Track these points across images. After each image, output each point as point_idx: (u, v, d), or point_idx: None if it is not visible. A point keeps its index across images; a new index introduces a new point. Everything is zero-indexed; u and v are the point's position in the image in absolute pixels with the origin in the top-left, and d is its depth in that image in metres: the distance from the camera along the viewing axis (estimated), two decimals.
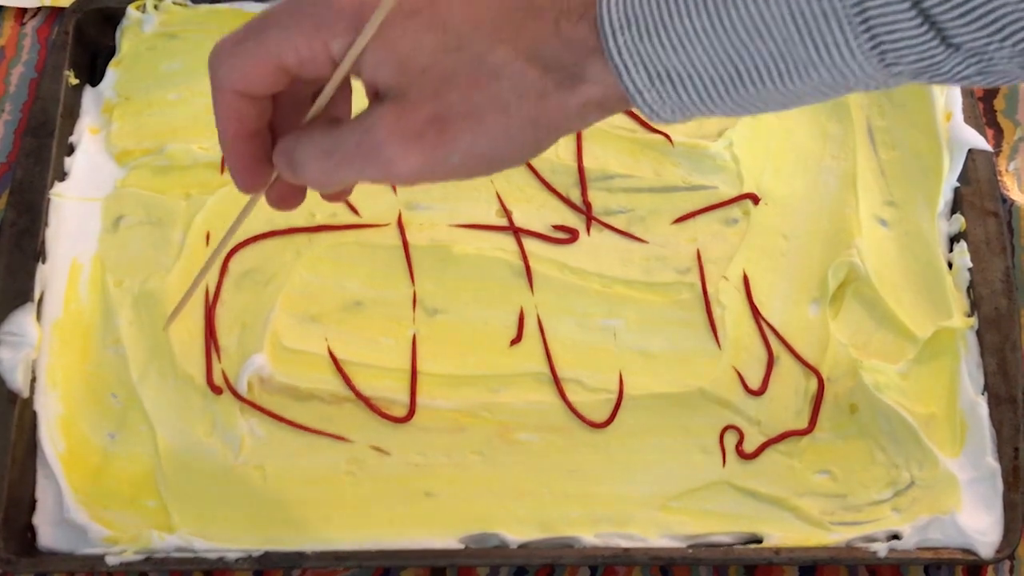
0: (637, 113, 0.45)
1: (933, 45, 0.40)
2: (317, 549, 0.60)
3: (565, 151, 0.70)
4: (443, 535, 0.60)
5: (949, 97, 0.70)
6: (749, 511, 0.61)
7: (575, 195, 0.69)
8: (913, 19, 0.39)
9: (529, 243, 0.67)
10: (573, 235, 0.68)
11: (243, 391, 0.63)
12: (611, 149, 0.70)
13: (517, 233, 0.68)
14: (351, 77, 0.46)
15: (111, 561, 0.59)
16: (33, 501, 0.62)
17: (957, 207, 0.68)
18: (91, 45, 0.74)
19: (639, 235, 0.68)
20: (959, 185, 0.68)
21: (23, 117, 0.73)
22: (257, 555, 0.59)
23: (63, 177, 0.69)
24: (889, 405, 0.62)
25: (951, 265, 0.67)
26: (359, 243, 0.67)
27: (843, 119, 0.70)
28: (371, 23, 0.43)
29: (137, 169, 0.70)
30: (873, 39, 0.40)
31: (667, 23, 0.42)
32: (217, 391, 0.64)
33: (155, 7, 0.74)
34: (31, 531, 0.61)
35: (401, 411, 0.64)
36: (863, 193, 0.68)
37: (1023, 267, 0.68)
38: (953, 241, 0.67)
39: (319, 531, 0.61)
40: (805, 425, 0.63)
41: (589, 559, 0.60)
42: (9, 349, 0.64)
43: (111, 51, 0.74)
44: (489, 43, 0.43)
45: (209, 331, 0.65)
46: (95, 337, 0.66)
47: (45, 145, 0.69)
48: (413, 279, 0.67)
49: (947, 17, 0.39)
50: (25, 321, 0.65)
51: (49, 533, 0.61)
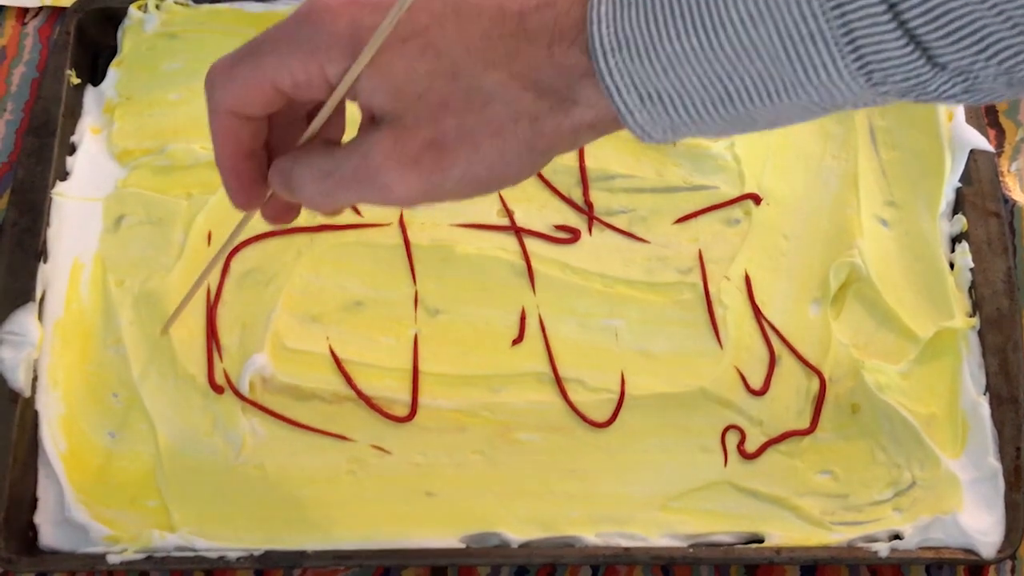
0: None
1: (919, 65, 0.40)
2: (318, 548, 0.60)
3: None
4: (444, 534, 0.60)
5: None
6: (750, 511, 0.61)
7: (577, 195, 0.69)
8: (899, 39, 0.40)
9: (531, 243, 0.67)
10: (575, 235, 0.68)
11: (245, 391, 0.63)
12: (612, 149, 0.70)
13: (519, 233, 0.68)
14: (346, 99, 0.46)
15: (112, 560, 0.59)
16: (34, 500, 0.62)
17: (959, 207, 0.68)
18: (92, 45, 0.74)
19: (641, 235, 0.68)
20: (961, 185, 0.68)
21: (25, 117, 0.73)
22: (258, 554, 0.59)
23: (64, 177, 0.69)
24: (891, 405, 0.62)
25: (953, 265, 0.66)
26: (361, 243, 0.67)
27: (844, 119, 0.70)
28: (367, 49, 0.43)
29: (138, 169, 0.70)
30: (860, 59, 0.40)
31: (657, 45, 0.42)
32: (218, 390, 0.64)
33: (156, 7, 0.74)
34: (32, 530, 0.61)
35: (402, 411, 0.64)
36: (864, 193, 0.68)
37: None
38: (955, 241, 0.67)
39: (320, 530, 0.61)
40: (806, 425, 0.63)
41: (590, 559, 0.60)
42: (10, 348, 0.64)
43: (112, 51, 0.74)
44: (483, 68, 0.43)
45: (210, 331, 0.65)
46: (96, 337, 0.66)
47: (47, 145, 0.69)
48: (415, 279, 0.67)
49: (933, 37, 0.40)
50: (27, 320, 0.65)
51: (50, 532, 0.61)
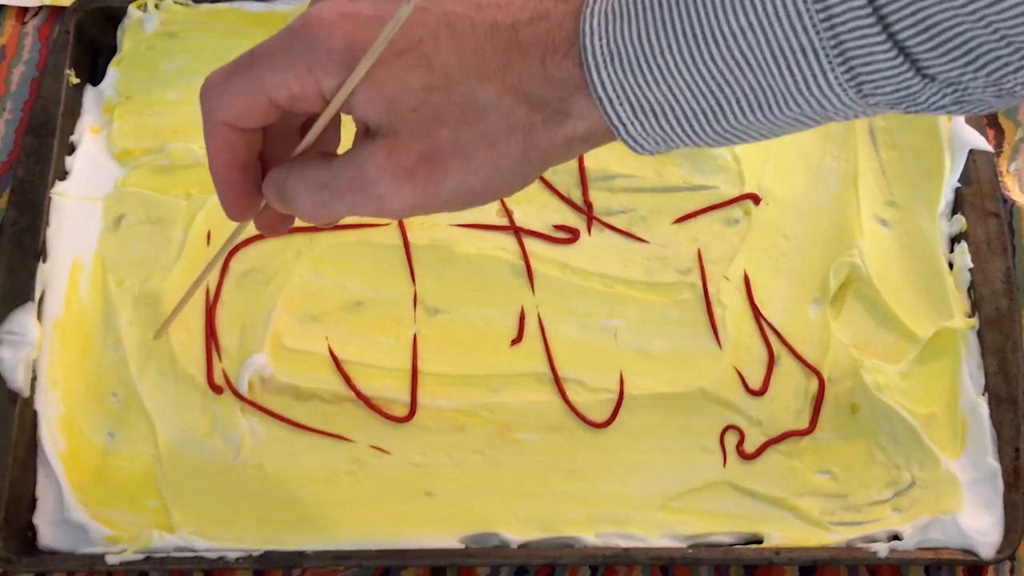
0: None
1: (909, 76, 0.40)
2: (317, 548, 0.60)
3: None
4: (443, 535, 0.60)
5: None
6: (749, 511, 0.61)
7: (576, 195, 0.69)
8: (889, 51, 0.40)
9: (530, 243, 0.67)
10: (574, 235, 0.68)
11: (244, 391, 0.63)
12: (612, 149, 0.69)
13: (518, 233, 0.68)
14: (340, 112, 0.46)
15: (111, 560, 0.59)
16: (33, 500, 0.62)
17: (958, 207, 0.68)
18: (92, 44, 0.74)
19: (640, 235, 0.68)
20: (960, 185, 0.68)
21: (24, 116, 0.73)
22: (257, 554, 0.59)
23: (64, 176, 0.69)
24: (890, 405, 0.62)
25: (952, 265, 0.66)
26: (360, 242, 0.67)
27: None
28: (363, 63, 0.43)
29: (138, 168, 0.70)
30: (850, 71, 0.40)
31: (650, 57, 0.42)
32: (218, 391, 0.64)
33: (156, 6, 0.74)
34: (31, 530, 0.61)
35: (402, 411, 0.64)
36: (864, 193, 0.68)
37: None
38: (954, 241, 0.67)
39: (319, 531, 0.61)
40: (806, 425, 0.63)
41: (589, 559, 0.60)
42: (10, 348, 0.64)
43: (112, 50, 0.74)
44: (476, 81, 0.44)
45: (210, 331, 0.65)
46: (96, 336, 0.66)
47: (46, 144, 0.69)
48: (414, 279, 0.67)
49: (922, 49, 0.40)
50: (26, 320, 0.64)
51: (49, 532, 0.61)
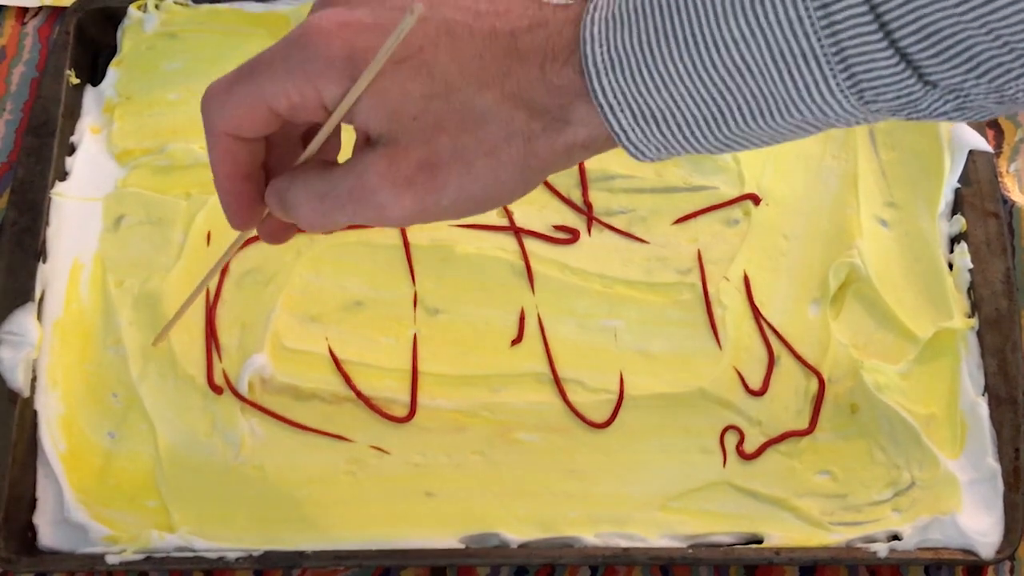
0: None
1: (911, 83, 0.40)
2: (317, 548, 0.60)
3: None
4: (443, 535, 0.60)
5: None
6: (749, 511, 0.61)
7: (576, 195, 0.69)
8: (890, 58, 0.40)
9: (530, 243, 0.67)
10: (574, 235, 0.68)
11: (244, 391, 0.63)
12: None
13: (518, 233, 0.68)
14: (341, 121, 0.46)
15: (111, 560, 0.59)
16: (33, 500, 0.62)
17: (958, 208, 0.68)
18: (92, 44, 0.74)
19: (640, 235, 0.68)
20: (960, 186, 0.68)
21: (24, 116, 0.73)
22: (257, 555, 0.59)
23: (64, 176, 0.69)
24: (889, 405, 0.62)
25: (952, 266, 0.66)
26: (360, 243, 0.67)
27: None
28: (366, 74, 0.43)
29: (138, 169, 0.70)
30: (852, 78, 0.40)
31: (650, 64, 0.42)
32: (218, 391, 0.64)
33: (156, 7, 0.74)
34: (31, 530, 0.61)
35: (402, 411, 0.64)
36: (864, 194, 0.68)
37: None
38: (954, 242, 0.67)
39: (319, 531, 0.61)
40: (805, 425, 0.63)
41: (589, 559, 0.60)
42: (10, 348, 0.64)
43: (112, 50, 0.74)
44: (476, 88, 0.44)
45: (210, 331, 0.65)
46: (96, 337, 0.66)
47: (46, 144, 0.69)
48: (414, 279, 0.67)
49: (923, 56, 0.40)
50: (26, 320, 0.64)
51: (49, 532, 0.61)
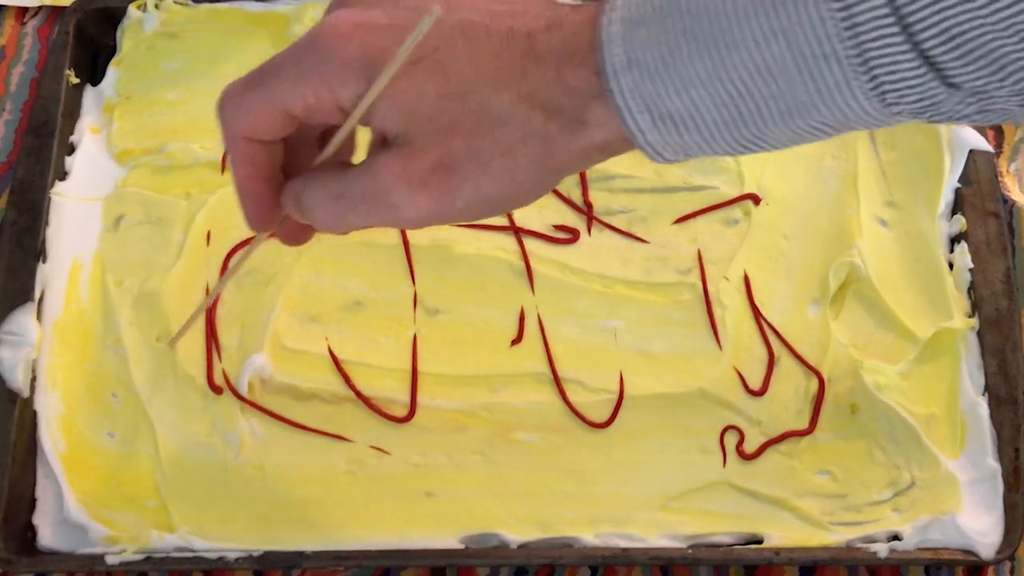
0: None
1: (933, 86, 0.40)
2: (317, 549, 0.60)
3: None
4: (443, 535, 0.60)
5: None
6: (749, 511, 0.61)
7: (576, 195, 0.69)
8: (913, 60, 0.39)
9: (530, 243, 0.67)
10: (574, 235, 0.68)
11: (244, 391, 0.63)
12: None
13: (518, 233, 0.68)
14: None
15: (111, 560, 0.59)
16: (33, 500, 0.62)
17: (958, 208, 0.68)
18: (92, 44, 0.74)
19: (640, 235, 0.68)
20: (960, 186, 0.68)
21: (24, 116, 0.73)
22: (257, 555, 0.59)
23: (64, 176, 0.69)
24: (889, 405, 0.62)
25: (952, 266, 0.66)
26: (360, 243, 0.67)
27: None
28: (384, 75, 0.43)
29: (137, 168, 0.70)
30: (874, 80, 0.40)
31: (669, 65, 0.41)
32: (217, 391, 0.64)
33: (156, 6, 0.74)
34: (31, 530, 0.61)
35: (401, 411, 0.63)
36: (864, 193, 0.68)
37: None
38: (954, 242, 0.67)
39: (319, 531, 0.60)
40: (805, 425, 0.63)
41: (589, 559, 0.60)
42: (9, 348, 0.64)
43: (112, 50, 0.74)
44: (492, 89, 0.43)
45: (209, 331, 0.65)
46: (95, 337, 0.66)
47: (46, 144, 0.69)
48: (414, 279, 0.67)
49: (947, 58, 0.39)
50: (25, 320, 0.64)
51: (49, 532, 0.61)
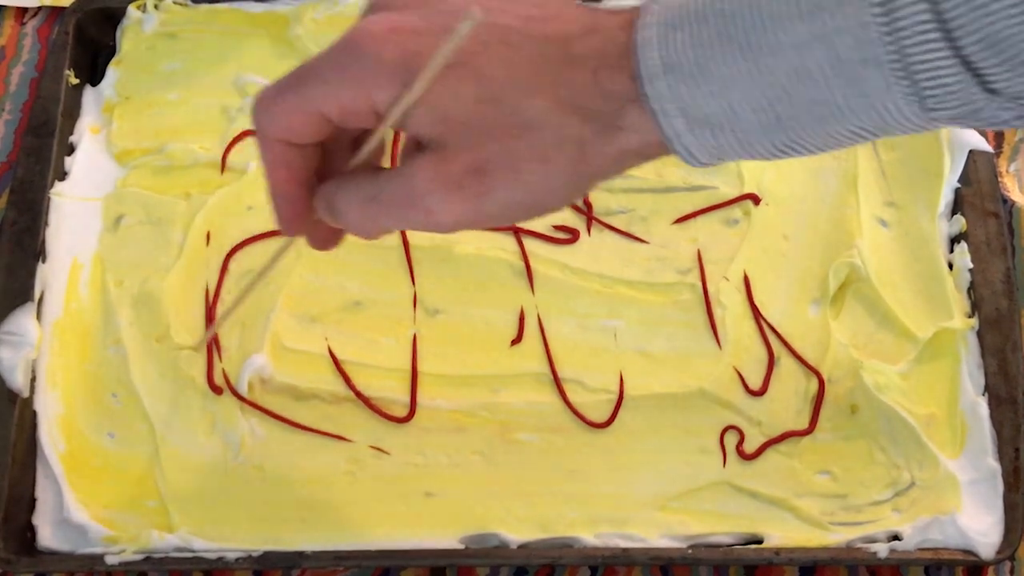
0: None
1: (974, 92, 0.40)
2: (317, 549, 0.60)
3: None
4: (443, 535, 0.60)
5: None
6: (749, 511, 0.61)
7: None
8: (954, 66, 0.39)
9: (530, 243, 0.67)
10: (574, 235, 0.68)
11: (244, 391, 0.63)
12: None
13: (518, 233, 0.68)
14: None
15: (111, 561, 0.59)
16: (33, 500, 0.62)
17: (958, 208, 0.68)
18: (92, 44, 0.74)
19: (640, 235, 0.68)
20: (960, 186, 0.68)
21: (24, 116, 0.73)
22: (257, 555, 0.59)
23: (63, 176, 0.69)
24: (890, 406, 0.62)
25: (952, 266, 0.66)
26: (360, 243, 0.67)
27: None
28: (421, 79, 0.42)
29: (137, 169, 0.70)
30: (914, 85, 0.40)
31: (707, 69, 0.41)
32: (217, 391, 0.64)
33: (156, 7, 0.74)
34: (31, 530, 0.61)
35: (401, 411, 0.63)
36: (864, 194, 0.68)
37: None
38: (954, 242, 0.67)
39: (319, 531, 0.61)
40: (805, 425, 0.63)
41: (589, 559, 0.60)
42: (9, 348, 0.64)
43: (112, 50, 0.74)
44: (527, 94, 0.43)
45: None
46: (95, 337, 0.66)
47: (46, 144, 0.69)
48: (413, 279, 0.67)
49: (988, 64, 0.39)
50: (25, 320, 0.64)
51: (49, 533, 0.61)
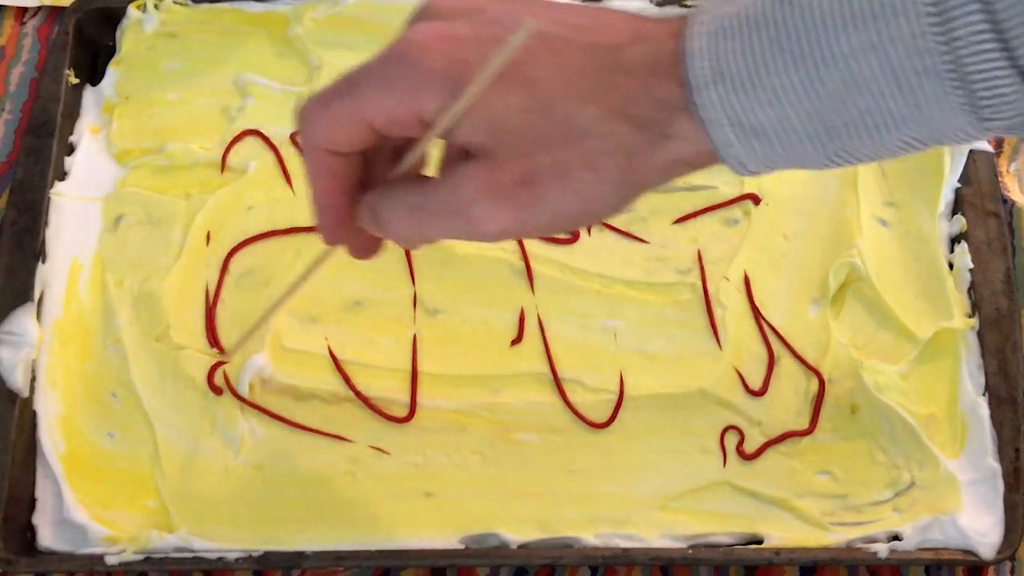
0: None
1: None
2: (317, 549, 0.60)
3: None
4: (443, 535, 0.60)
5: None
6: (749, 511, 0.61)
7: None
8: (1011, 76, 0.39)
9: (530, 243, 0.67)
10: (574, 235, 0.68)
11: (244, 391, 0.63)
12: None
13: None
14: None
15: (111, 561, 0.59)
16: (33, 501, 0.62)
17: (958, 208, 0.68)
18: (91, 44, 0.74)
19: (640, 235, 0.68)
20: (960, 186, 0.68)
21: (23, 116, 0.73)
22: (257, 555, 0.59)
23: (63, 176, 0.69)
24: (890, 406, 0.62)
25: (952, 266, 0.66)
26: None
27: None
28: (471, 89, 0.42)
29: (137, 169, 0.70)
30: (970, 95, 0.39)
31: (756, 79, 0.41)
32: (218, 391, 0.64)
33: (156, 6, 0.74)
34: (31, 531, 0.61)
35: (401, 411, 0.63)
36: (864, 194, 0.68)
37: None
38: (954, 242, 0.67)
39: (319, 531, 0.61)
40: (806, 425, 0.63)
41: (589, 559, 0.60)
42: (9, 349, 0.64)
43: (112, 50, 0.74)
44: (577, 102, 0.43)
45: (209, 331, 0.65)
46: (95, 337, 0.66)
47: (45, 144, 0.69)
48: (413, 279, 0.67)
49: None
50: (25, 320, 0.64)
51: (49, 533, 0.61)
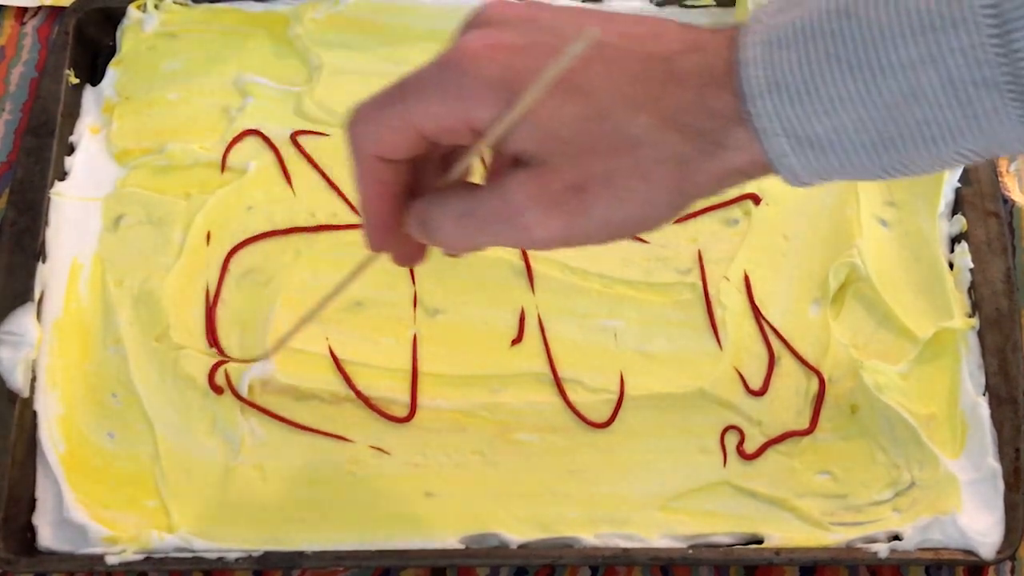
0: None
1: None
2: (317, 549, 0.60)
3: None
4: (443, 535, 0.60)
5: None
6: (749, 511, 0.61)
7: None
8: None
9: None
10: None
11: (244, 391, 0.63)
12: None
13: None
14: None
15: (111, 561, 0.59)
16: (33, 501, 0.62)
17: (958, 208, 0.68)
18: (92, 44, 0.74)
19: (640, 235, 0.68)
20: (960, 186, 0.68)
21: (23, 116, 0.73)
22: (257, 555, 0.59)
23: (63, 176, 0.69)
24: (890, 406, 0.62)
25: (952, 266, 0.66)
26: (360, 243, 0.66)
27: None
28: (526, 99, 0.42)
29: (137, 169, 0.70)
30: None
31: (815, 88, 0.41)
32: (218, 391, 0.64)
33: (156, 6, 0.74)
34: (31, 531, 0.61)
35: (401, 411, 0.63)
36: (864, 193, 0.68)
37: None
38: (954, 242, 0.67)
39: (319, 531, 0.61)
40: (806, 425, 0.63)
41: (589, 559, 0.60)
42: (9, 349, 0.64)
43: (112, 50, 0.74)
44: (630, 111, 0.42)
45: (210, 331, 0.65)
46: (95, 337, 0.66)
47: (45, 144, 0.69)
48: (414, 279, 0.67)
49: None
50: (25, 321, 0.64)
51: (49, 533, 0.61)
